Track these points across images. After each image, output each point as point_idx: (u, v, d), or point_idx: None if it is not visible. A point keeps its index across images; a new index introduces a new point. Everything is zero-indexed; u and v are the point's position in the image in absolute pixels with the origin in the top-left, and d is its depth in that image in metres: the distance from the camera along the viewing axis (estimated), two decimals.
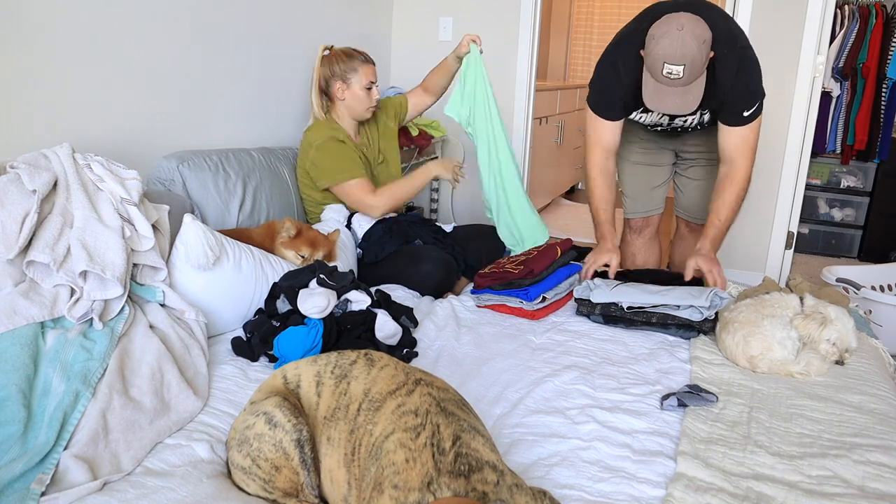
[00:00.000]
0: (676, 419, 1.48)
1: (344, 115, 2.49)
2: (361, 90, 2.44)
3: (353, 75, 2.43)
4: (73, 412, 1.27)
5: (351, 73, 2.42)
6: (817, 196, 4.39)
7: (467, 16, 3.60)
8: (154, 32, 2.17)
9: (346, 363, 1.20)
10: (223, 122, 2.54)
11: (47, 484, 1.13)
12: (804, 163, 3.37)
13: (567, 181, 5.56)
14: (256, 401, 1.21)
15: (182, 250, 1.70)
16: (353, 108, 2.46)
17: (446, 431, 0.98)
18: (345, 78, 2.43)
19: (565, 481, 1.24)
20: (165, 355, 1.48)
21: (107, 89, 2.04)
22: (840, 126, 4.26)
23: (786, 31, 3.24)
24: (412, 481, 0.91)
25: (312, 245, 2.03)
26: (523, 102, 3.61)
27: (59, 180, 1.59)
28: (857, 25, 4.10)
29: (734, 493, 1.20)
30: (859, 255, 4.36)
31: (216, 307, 1.76)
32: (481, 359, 1.75)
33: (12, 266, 1.44)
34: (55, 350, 1.36)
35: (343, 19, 3.25)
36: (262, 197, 2.32)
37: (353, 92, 2.44)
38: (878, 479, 1.26)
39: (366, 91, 2.45)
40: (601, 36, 6.63)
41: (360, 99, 2.45)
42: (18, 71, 1.77)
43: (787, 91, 3.29)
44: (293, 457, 1.12)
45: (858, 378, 1.70)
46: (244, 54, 2.60)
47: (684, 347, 1.87)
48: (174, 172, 2.08)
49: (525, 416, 1.47)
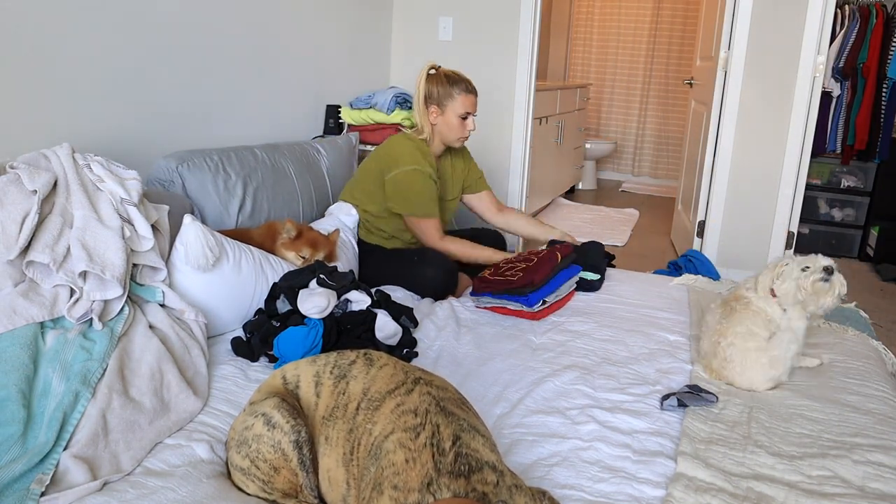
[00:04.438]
0: (676, 419, 1.48)
1: (435, 137, 2.41)
2: (455, 118, 2.35)
3: (450, 102, 2.34)
4: (73, 412, 1.27)
5: (448, 100, 2.34)
6: (817, 196, 4.39)
7: (467, 16, 3.60)
8: (154, 32, 2.17)
9: (346, 363, 1.20)
10: (226, 121, 2.54)
11: (47, 484, 1.13)
12: (804, 163, 3.37)
13: (567, 181, 5.56)
14: (255, 401, 1.21)
15: (182, 251, 1.70)
16: (445, 134, 2.39)
17: (446, 431, 0.98)
18: (441, 103, 2.35)
19: (565, 481, 1.24)
20: (165, 355, 1.48)
21: (107, 89, 2.04)
22: (840, 126, 4.26)
23: (786, 31, 3.24)
24: (412, 482, 0.91)
25: (313, 246, 2.03)
26: (523, 102, 3.61)
27: (58, 180, 1.59)
28: (858, 25, 4.10)
29: (734, 494, 1.20)
30: (859, 255, 4.36)
31: (216, 307, 1.76)
32: (481, 359, 1.75)
33: (12, 266, 1.44)
34: (55, 350, 1.35)
35: (343, 18, 3.26)
36: (264, 197, 2.31)
37: (446, 118, 2.36)
38: (878, 479, 1.26)
39: (460, 120, 2.36)
40: (601, 36, 6.64)
41: (452, 127, 2.37)
42: (18, 71, 1.77)
43: (787, 91, 3.29)
44: (292, 458, 1.12)
45: (858, 378, 1.70)
46: (245, 54, 2.60)
47: (685, 348, 1.87)
48: (173, 173, 2.07)
49: (525, 417, 1.47)
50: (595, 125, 6.81)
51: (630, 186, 6.49)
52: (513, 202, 3.77)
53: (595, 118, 6.79)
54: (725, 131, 3.44)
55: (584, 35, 6.69)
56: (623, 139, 6.75)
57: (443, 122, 2.37)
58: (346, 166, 2.88)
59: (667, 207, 5.62)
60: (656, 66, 6.47)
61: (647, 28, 6.43)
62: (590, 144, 6.13)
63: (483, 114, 3.63)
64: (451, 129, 2.37)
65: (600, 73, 6.70)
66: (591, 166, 6.29)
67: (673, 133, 6.54)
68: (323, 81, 3.19)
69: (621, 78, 6.64)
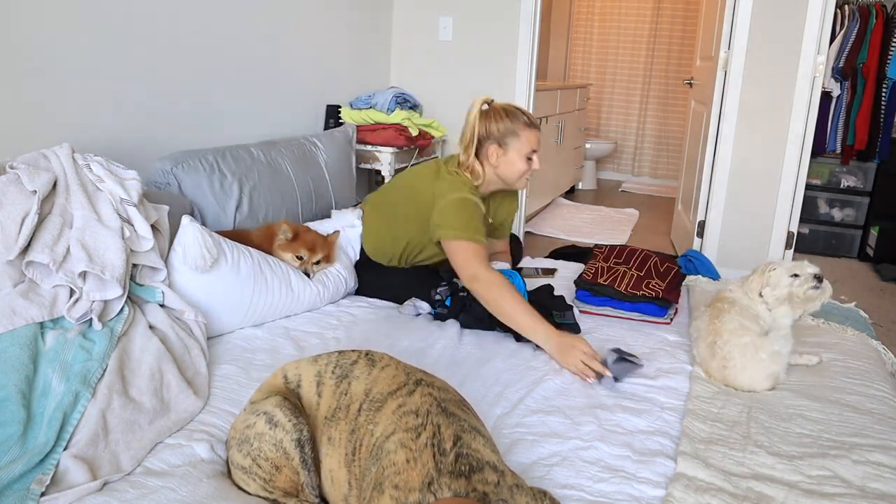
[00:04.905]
0: (676, 419, 1.48)
1: (489, 179, 2.12)
2: (521, 159, 2.09)
3: (514, 140, 2.07)
4: (73, 412, 1.27)
5: (511, 138, 2.07)
6: (817, 196, 4.39)
7: (467, 16, 3.60)
8: (154, 31, 2.17)
9: (347, 363, 1.20)
10: (224, 120, 2.54)
11: (47, 484, 1.13)
12: (804, 163, 3.37)
13: (567, 181, 5.56)
14: (256, 400, 1.21)
15: (180, 252, 1.70)
16: (506, 176, 2.11)
17: (447, 432, 0.98)
18: (502, 142, 2.07)
19: (565, 481, 1.24)
20: (165, 355, 1.48)
21: (106, 89, 2.04)
22: (840, 126, 4.26)
23: (786, 31, 3.24)
24: (413, 481, 0.91)
25: (310, 247, 2.03)
26: (523, 102, 3.61)
27: (58, 180, 1.59)
28: (857, 25, 4.10)
29: (734, 493, 1.20)
30: (859, 255, 4.36)
31: (215, 308, 1.76)
32: (482, 359, 1.75)
33: (12, 266, 1.44)
34: (55, 350, 1.35)
35: (343, 18, 3.26)
36: (260, 196, 2.30)
37: (509, 159, 2.08)
38: (878, 479, 1.26)
39: (525, 160, 2.10)
40: (601, 36, 6.64)
41: (516, 169, 2.09)
42: (18, 71, 1.77)
43: (787, 91, 3.29)
44: (293, 456, 1.12)
45: (858, 378, 1.70)
46: (245, 53, 2.60)
47: (685, 348, 1.87)
48: (168, 175, 2.06)
49: (525, 416, 1.47)
50: (595, 125, 6.81)
51: (630, 186, 6.50)
52: None
53: (595, 118, 6.79)
54: (725, 131, 3.44)
55: (584, 35, 6.70)
56: (623, 139, 6.75)
57: (506, 162, 2.09)
58: (345, 159, 2.85)
59: (667, 207, 5.62)
60: (656, 66, 6.48)
61: (647, 28, 6.43)
62: (590, 144, 6.13)
63: None
64: (514, 170, 2.10)
65: (600, 73, 6.71)
66: (591, 166, 6.29)
67: (673, 133, 6.54)
68: (323, 81, 3.19)
69: (621, 78, 6.64)
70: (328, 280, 2.08)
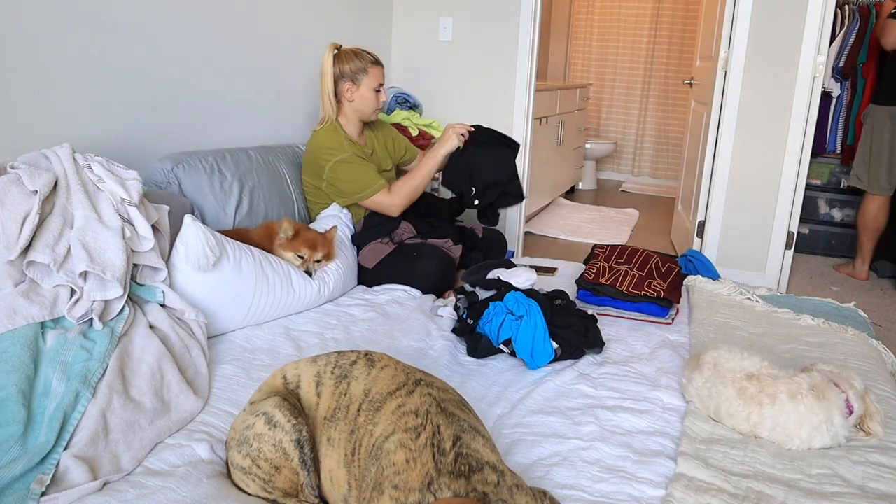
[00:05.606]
0: (677, 419, 1.48)
1: (351, 116, 2.48)
2: (370, 92, 2.44)
3: (363, 77, 2.42)
4: (73, 412, 1.27)
5: (361, 75, 2.41)
6: (817, 196, 4.39)
7: (467, 16, 3.60)
8: (154, 32, 2.17)
9: (347, 363, 1.20)
10: (224, 123, 2.55)
11: (47, 484, 1.13)
12: (804, 163, 3.37)
13: (567, 181, 5.56)
14: (256, 401, 1.21)
15: (182, 251, 1.70)
16: (361, 109, 2.46)
17: (446, 432, 0.98)
18: (354, 79, 2.42)
19: (565, 481, 1.24)
20: (165, 355, 1.48)
21: (107, 89, 2.04)
22: (840, 126, 4.26)
23: (786, 31, 3.24)
24: (412, 481, 0.91)
25: (311, 245, 2.03)
26: (523, 102, 3.61)
27: (59, 180, 1.59)
28: (858, 25, 4.10)
29: (734, 493, 1.20)
30: None
31: (216, 308, 1.76)
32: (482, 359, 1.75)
33: (12, 266, 1.44)
34: (55, 350, 1.36)
35: (343, 19, 3.25)
36: (260, 197, 2.31)
37: (361, 93, 2.43)
38: (878, 479, 1.26)
39: (374, 93, 2.45)
40: (601, 36, 6.64)
41: (368, 101, 2.45)
42: (18, 71, 1.78)
43: (787, 91, 3.29)
44: (293, 457, 1.12)
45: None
46: (245, 54, 2.60)
47: (686, 348, 1.87)
48: (169, 174, 2.07)
49: (525, 416, 1.47)
50: (595, 125, 6.81)
51: (630, 186, 6.50)
52: None
53: (595, 118, 6.79)
54: (725, 131, 3.44)
55: (584, 35, 6.70)
56: (623, 139, 6.75)
57: (359, 97, 2.44)
58: None
59: (667, 207, 5.62)
60: (656, 66, 6.48)
61: (647, 28, 6.43)
62: (590, 144, 6.13)
63: (483, 114, 3.63)
64: (367, 102, 2.45)
65: (600, 73, 6.71)
66: (591, 166, 6.29)
67: (673, 133, 6.54)
68: None
69: (621, 78, 6.64)
70: (329, 277, 2.09)
